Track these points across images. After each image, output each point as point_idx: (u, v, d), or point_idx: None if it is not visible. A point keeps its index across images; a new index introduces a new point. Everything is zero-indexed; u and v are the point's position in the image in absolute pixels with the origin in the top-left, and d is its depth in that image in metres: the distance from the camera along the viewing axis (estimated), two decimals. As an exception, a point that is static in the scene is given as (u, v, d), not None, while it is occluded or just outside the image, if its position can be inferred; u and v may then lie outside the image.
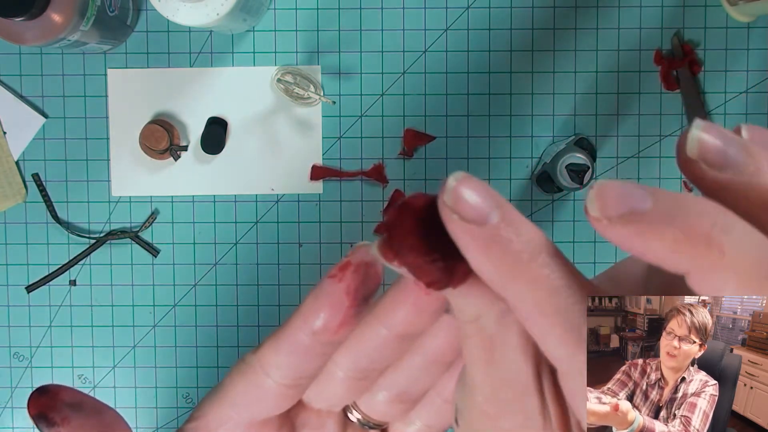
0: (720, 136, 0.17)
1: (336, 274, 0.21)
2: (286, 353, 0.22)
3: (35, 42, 0.51)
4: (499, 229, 0.17)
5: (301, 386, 0.23)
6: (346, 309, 0.21)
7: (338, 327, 0.21)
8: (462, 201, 0.17)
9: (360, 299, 0.21)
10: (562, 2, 0.61)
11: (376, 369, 0.23)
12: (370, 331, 0.22)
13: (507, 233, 0.17)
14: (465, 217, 0.17)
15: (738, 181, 0.17)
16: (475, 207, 0.17)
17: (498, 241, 0.17)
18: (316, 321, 0.21)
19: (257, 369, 0.23)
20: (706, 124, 0.17)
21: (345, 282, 0.21)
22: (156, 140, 0.59)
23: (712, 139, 0.17)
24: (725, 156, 0.17)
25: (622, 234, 0.16)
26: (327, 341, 0.22)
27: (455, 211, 0.17)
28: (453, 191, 0.17)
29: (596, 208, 0.16)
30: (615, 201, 0.16)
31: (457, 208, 0.17)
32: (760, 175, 0.17)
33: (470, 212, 0.17)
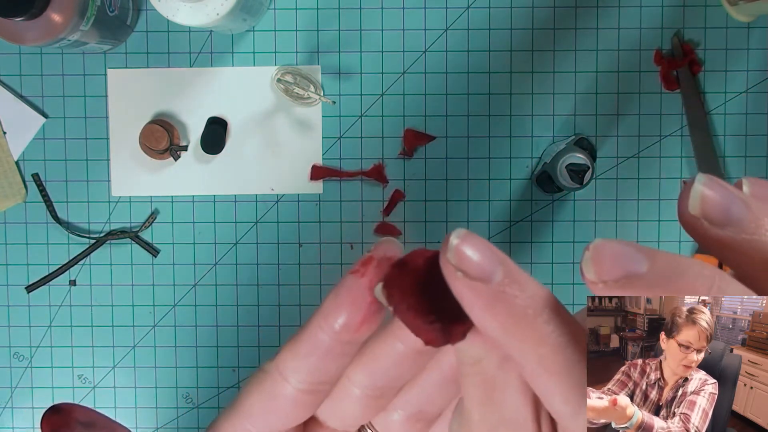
0: (722, 193, 0.17)
1: (358, 269, 0.21)
2: (305, 355, 0.21)
3: (35, 42, 0.51)
4: (504, 285, 0.17)
5: (319, 393, 0.22)
6: (368, 305, 0.21)
7: (360, 324, 0.21)
8: (466, 259, 0.17)
9: None
10: (562, 2, 0.61)
11: (392, 387, 0.23)
12: (387, 347, 0.22)
13: (511, 290, 0.17)
14: (469, 274, 0.17)
15: (738, 238, 0.17)
16: (479, 264, 0.17)
17: (502, 298, 0.17)
18: (337, 319, 0.21)
19: (275, 375, 0.22)
20: (708, 179, 0.17)
21: (368, 277, 0.21)
22: (156, 140, 0.59)
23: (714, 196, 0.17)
24: (727, 213, 0.17)
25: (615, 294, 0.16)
26: (348, 340, 0.21)
27: (459, 268, 0.17)
28: (456, 249, 0.17)
29: (592, 272, 0.16)
30: (611, 264, 0.16)
31: (461, 266, 0.17)
32: (760, 233, 0.17)
33: (474, 270, 0.17)
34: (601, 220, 0.62)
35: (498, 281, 0.17)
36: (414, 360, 0.22)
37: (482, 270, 0.17)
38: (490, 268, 0.17)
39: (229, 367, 0.63)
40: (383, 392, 0.23)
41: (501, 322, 0.17)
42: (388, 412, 0.24)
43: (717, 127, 0.61)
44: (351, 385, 0.23)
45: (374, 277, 0.21)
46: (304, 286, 0.62)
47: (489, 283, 0.17)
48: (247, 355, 0.63)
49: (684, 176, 0.62)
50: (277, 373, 0.22)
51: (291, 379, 0.22)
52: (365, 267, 0.21)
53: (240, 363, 0.63)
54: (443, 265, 0.17)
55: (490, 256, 0.17)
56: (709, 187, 0.17)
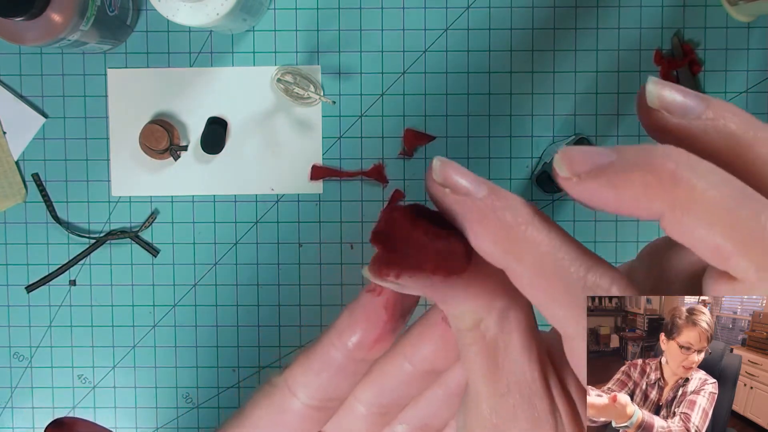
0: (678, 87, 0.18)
1: (375, 287, 0.21)
2: (316, 371, 0.21)
3: (35, 42, 0.51)
4: (491, 199, 0.17)
5: (328, 410, 0.22)
6: (383, 324, 0.21)
7: (374, 343, 0.21)
8: (451, 176, 0.18)
9: (398, 314, 0.21)
10: (562, 2, 0.61)
11: (398, 405, 0.23)
12: (395, 366, 0.22)
13: (498, 202, 0.17)
14: (457, 189, 0.18)
15: (698, 125, 0.17)
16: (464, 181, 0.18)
17: (492, 210, 0.17)
18: (352, 336, 0.21)
19: (284, 389, 0.22)
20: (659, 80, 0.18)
21: (384, 296, 0.21)
22: (156, 140, 0.59)
23: (671, 88, 0.18)
24: (685, 102, 0.17)
25: (593, 188, 0.17)
26: (361, 358, 0.21)
27: (447, 185, 0.18)
28: (441, 169, 0.18)
29: (565, 169, 0.17)
30: (582, 159, 0.17)
31: (448, 183, 0.18)
32: (718, 119, 0.17)
33: (461, 186, 0.18)
34: (601, 220, 0.62)
35: (485, 195, 0.17)
36: (421, 380, 0.22)
37: (466, 186, 0.18)
38: (474, 184, 0.18)
39: (229, 367, 0.63)
40: (389, 410, 0.23)
41: (495, 234, 0.17)
42: (391, 427, 0.24)
43: (717, 127, 0.61)
44: (357, 403, 0.23)
45: (390, 296, 0.21)
46: (304, 286, 0.63)
47: (476, 196, 0.17)
48: (247, 355, 0.63)
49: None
50: (286, 388, 0.22)
51: (300, 394, 0.22)
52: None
53: (240, 363, 0.63)
54: (431, 186, 0.18)
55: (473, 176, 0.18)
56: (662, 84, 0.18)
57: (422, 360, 0.21)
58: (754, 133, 0.17)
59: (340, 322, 0.21)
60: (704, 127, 0.17)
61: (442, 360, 0.21)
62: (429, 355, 0.21)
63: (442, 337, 0.21)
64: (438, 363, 0.21)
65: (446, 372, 0.22)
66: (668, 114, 0.17)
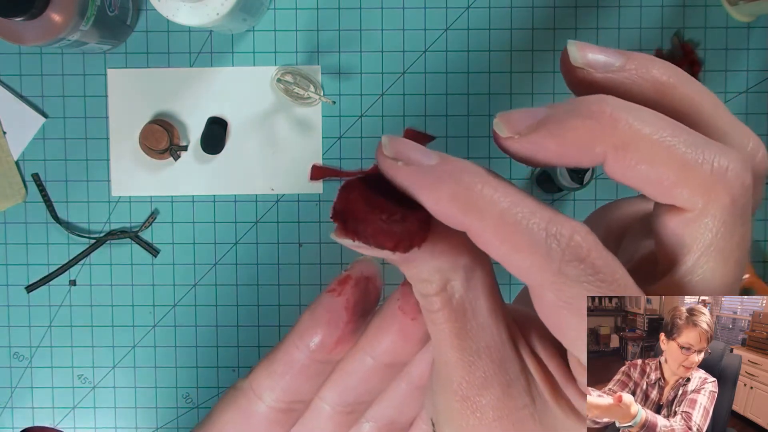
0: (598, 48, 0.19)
1: (335, 288, 0.21)
2: (280, 374, 0.21)
3: (35, 42, 0.51)
4: (444, 164, 0.18)
5: (294, 412, 0.22)
6: (344, 325, 0.21)
7: (336, 344, 0.21)
8: (400, 150, 0.18)
9: (359, 315, 0.21)
10: (562, 2, 0.61)
11: (363, 401, 0.23)
12: (356, 362, 0.22)
13: (451, 166, 0.18)
14: (408, 160, 0.18)
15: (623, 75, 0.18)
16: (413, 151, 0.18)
17: (447, 174, 0.18)
18: (313, 338, 0.21)
19: (249, 393, 0.22)
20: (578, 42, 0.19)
21: (344, 296, 0.21)
22: (156, 140, 0.59)
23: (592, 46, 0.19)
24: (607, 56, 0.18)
25: (535, 141, 0.17)
26: (324, 359, 0.21)
27: (398, 158, 0.18)
28: (390, 143, 0.18)
29: (504, 129, 0.18)
30: (519, 117, 0.18)
31: (399, 156, 0.18)
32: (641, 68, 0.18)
33: (412, 157, 0.18)
34: (601, 220, 0.62)
35: (437, 161, 0.18)
36: (383, 373, 0.22)
37: (417, 156, 0.18)
38: (423, 153, 0.18)
39: (229, 367, 0.63)
40: (354, 408, 0.23)
41: (451, 195, 0.17)
42: (358, 426, 0.24)
43: (717, 127, 0.61)
44: (322, 403, 0.23)
45: (351, 296, 0.21)
46: (304, 286, 0.62)
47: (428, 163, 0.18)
48: (247, 355, 0.63)
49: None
50: (251, 392, 0.22)
51: (265, 397, 0.22)
52: (342, 286, 0.21)
53: (240, 363, 0.63)
54: (382, 162, 0.18)
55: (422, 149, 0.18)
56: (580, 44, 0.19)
57: (383, 353, 0.21)
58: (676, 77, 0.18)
59: (302, 323, 0.21)
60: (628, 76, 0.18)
61: (402, 351, 0.21)
62: (389, 347, 0.21)
63: (401, 329, 0.21)
64: (398, 355, 0.21)
65: (408, 365, 0.22)
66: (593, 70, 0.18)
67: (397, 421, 0.23)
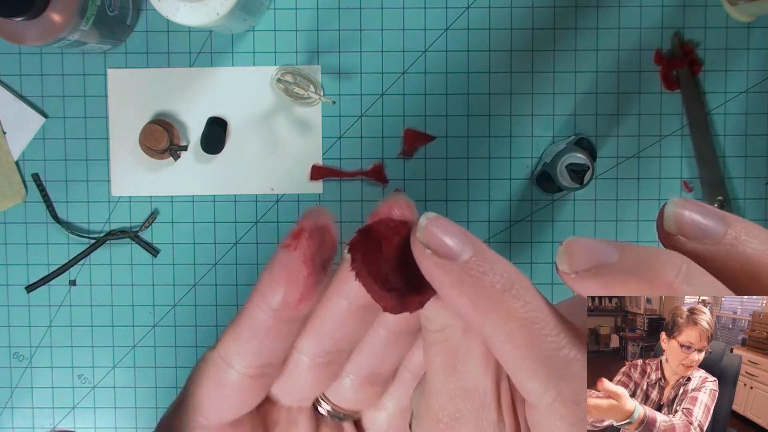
0: (698, 209, 0.18)
1: (290, 243, 0.20)
2: (247, 339, 0.21)
3: (35, 42, 0.51)
4: (472, 263, 0.17)
5: (267, 376, 0.22)
6: (305, 279, 0.20)
7: (299, 301, 0.20)
8: (435, 237, 0.17)
9: (319, 267, 0.20)
10: (562, 2, 0.61)
11: (341, 350, 0.22)
12: (331, 306, 0.21)
13: (480, 267, 0.17)
14: (438, 252, 0.17)
15: (716, 250, 0.17)
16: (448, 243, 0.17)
17: (471, 274, 0.17)
18: (275, 297, 0.20)
19: (219, 363, 0.21)
20: (682, 200, 0.18)
21: (300, 250, 0.20)
22: (156, 140, 0.59)
23: (689, 214, 0.18)
24: (703, 228, 0.17)
25: (589, 287, 0.17)
26: (288, 318, 0.21)
27: (429, 246, 0.17)
28: (426, 229, 0.18)
29: (565, 264, 0.17)
30: (583, 255, 0.17)
31: (430, 244, 0.17)
32: (737, 244, 0.17)
33: (443, 248, 0.17)
34: (601, 220, 0.62)
35: (466, 259, 0.17)
36: (359, 317, 0.22)
37: (450, 249, 0.17)
38: (458, 247, 0.17)
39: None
40: (332, 357, 0.22)
41: (469, 298, 0.17)
42: (339, 380, 0.23)
43: (717, 127, 0.61)
44: (300, 355, 0.22)
45: (308, 249, 0.20)
46: (304, 286, 0.62)
47: (457, 260, 0.17)
48: (247, 355, 0.63)
49: (684, 176, 0.62)
50: (221, 361, 0.21)
51: (236, 365, 0.21)
52: (297, 239, 0.20)
53: (240, 363, 0.63)
54: (413, 242, 0.18)
55: (460, 236, 0.17)
56: (684, 207, 0.18)
57: (356, 294, 0.21)
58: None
59: (262, 284, 0.21)
60: (725, 254, 0.17)
61: None
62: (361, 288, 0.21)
63: None
64: None
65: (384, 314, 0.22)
66: (685, 240, 0.18)
67: (377, 372, 0.23)
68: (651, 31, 0.61)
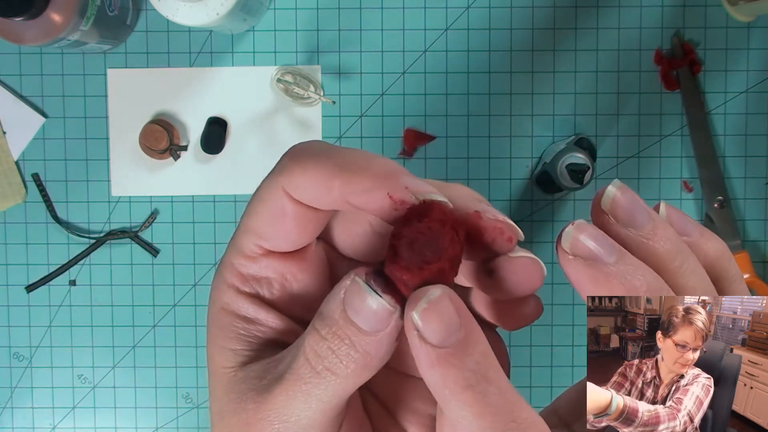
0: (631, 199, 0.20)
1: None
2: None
3: (35, 42, 0.51)
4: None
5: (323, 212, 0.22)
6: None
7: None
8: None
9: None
10: (562, 2, 0.61)
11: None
12: None
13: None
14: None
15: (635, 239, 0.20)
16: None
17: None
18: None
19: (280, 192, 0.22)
20: (622, 186, 0.20)
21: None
22: (156, 140, 0.59)
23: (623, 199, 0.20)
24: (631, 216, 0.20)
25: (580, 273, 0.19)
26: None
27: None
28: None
29: (568, 246, 0.19)
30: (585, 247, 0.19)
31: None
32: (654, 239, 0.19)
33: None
34: (601, 220, 0.62)
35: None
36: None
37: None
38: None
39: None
40: None
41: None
42: None
43: (717, 127, 0.61)
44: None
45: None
46: (304, 286, 0.62)
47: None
48: (247, 355, 0.63)
49: (684, 176, 0.62)
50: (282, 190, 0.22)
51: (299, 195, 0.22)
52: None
53: (240, 363, 0.63)
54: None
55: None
56: (621, 192, 0.20)
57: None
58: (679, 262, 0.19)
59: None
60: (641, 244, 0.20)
61: None
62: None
63: None
64: None
65: None
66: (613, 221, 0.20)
67: None
68: (651, 31, 0.61)
